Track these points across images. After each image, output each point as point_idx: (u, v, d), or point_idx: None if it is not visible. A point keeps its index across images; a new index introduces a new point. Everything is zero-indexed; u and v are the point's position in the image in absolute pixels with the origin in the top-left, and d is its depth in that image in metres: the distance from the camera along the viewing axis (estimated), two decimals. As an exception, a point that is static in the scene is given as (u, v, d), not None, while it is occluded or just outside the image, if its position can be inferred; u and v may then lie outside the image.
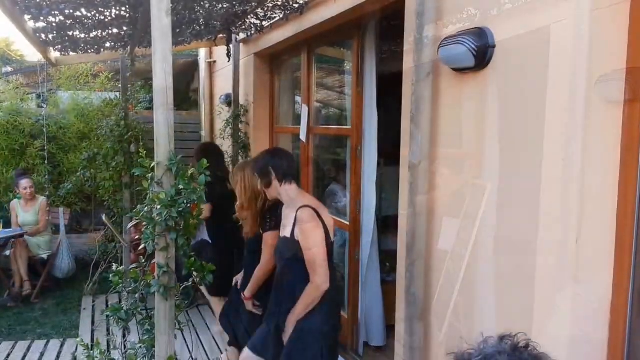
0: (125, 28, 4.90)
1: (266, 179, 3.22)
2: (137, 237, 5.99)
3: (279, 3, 4.55)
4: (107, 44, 5.67)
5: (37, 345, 5.38)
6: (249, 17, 5.04)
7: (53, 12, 4.00)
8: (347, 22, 4.21)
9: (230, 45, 5.96)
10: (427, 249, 2.87)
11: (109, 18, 4.41)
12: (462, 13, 2.65)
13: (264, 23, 5.21)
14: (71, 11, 4.06)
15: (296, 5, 4.49)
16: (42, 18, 4.08)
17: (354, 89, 4.36)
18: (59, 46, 5.30)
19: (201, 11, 4.62)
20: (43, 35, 4.75)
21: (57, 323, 5.97)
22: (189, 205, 2.57)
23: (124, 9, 4.19)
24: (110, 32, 5.00)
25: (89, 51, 5.74)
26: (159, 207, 2.52)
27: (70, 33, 4.78)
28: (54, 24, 4.34)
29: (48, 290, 6.99)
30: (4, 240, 6.63)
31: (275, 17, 4.98)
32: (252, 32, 5.58)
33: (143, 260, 2.84)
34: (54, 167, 8.25)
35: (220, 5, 4.52)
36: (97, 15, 4.27)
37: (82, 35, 4.97)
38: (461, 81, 2.65)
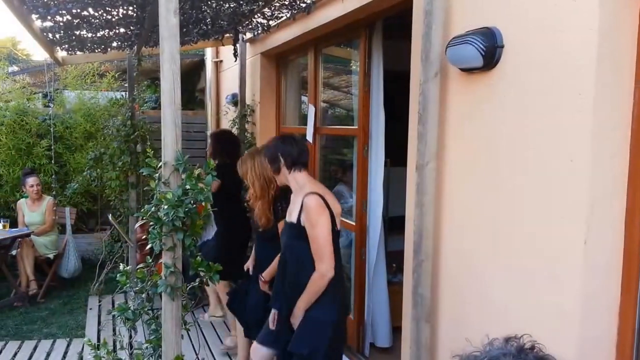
0: (132, 27, 4.90)
1: (275, 165, 3.22)
2: (143, 236, 6.00)
3: (286, 2, 4.55)
4: (114, 44, 5.67)
5: (44, 345, 5.39)
6: (255, 16, 5.04)
7: (60, 12, 3.99)
8: (355, 22, 4.20)
9: (237, 45, 5.96)
10: (435, 250, 2.85)
11: (116, 17, 4.41)
12: (470, 12, 2.64)
13: (270, 22, 5.20)
14: (78, 10, 4.06)
15: (303, 5, 4.49)
16: (49, 17, 4.08)
17: (361, 89, 4.34)
18: (66, 45, 5.31)
19: (208, 10, 4.62)
20: (50, 35, 4.75)
21: (63, 323, 5.98)
22: (195, 205, 2.57)
23: (131, 8, 4.19)
24: (117, 31, 5.01)
25: (96, 50, 5.74)
26: (165, 207, 2.51)
27: (77, 32, 4.78)
28: (61, 23, 4.35)
29: (54, 290, 7.00)
30: (11, 239, 6.62)
31: (282, 17, 4.98)
32: (259, 31, 5.58)
33: (150, 260, 2.84)
34: (60, 167, 8.26)
35: (227, 5, 4.52)
36: (104, 14, 4.27)
37: (89, 35, 4.97)
38: (469, 81, 2.63)
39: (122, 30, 4.99)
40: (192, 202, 2.54)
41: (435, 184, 2.76)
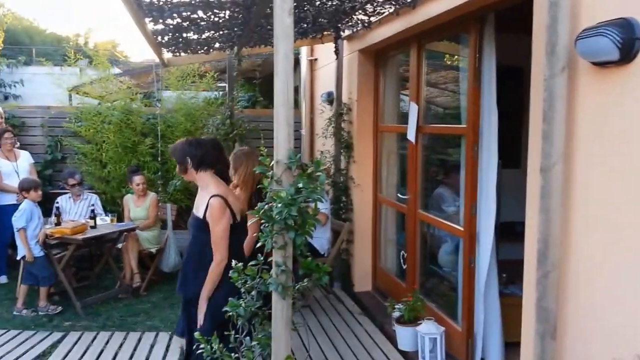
0: (235, 29, 4.96)
1: (182, 166, 3.70)
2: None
3: (390, -3, 4.45)
4: (217, 44, 5.77)
5: (148, 337, 5.54)
6: (356, 13, 4.97)
7: (172, 15, 4.09)
8: (464, 15, 4.03)
9: (337, 42, 5.92)
10: (563, 259, 2.66)
11: (223, 19, 4.47)
12: (601, 2, 2.48)
13: (372, 19, 5.12)
14: (189, 13, 4.14)
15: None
16: (161, 20, 4.19)
17: (471, 85, 4.17)
18: (173, 47, 5.44)
19: (310, 9, 4.60)
20: (159, 37, 4.88)
21: (164, 316, 6.12)
22: (307, 204, 2.54)
23: (237, 10, 4.23)
24: (221, 32, 5.08)
25: (199, 52, 5.86)
26: (279, 205, 2.49)
27: (185, 35, 4.88)
28: (171, 26, 4.45)
29: (155, 284, 7.20)
30: (117, 233, 6.88)
31: (384, 12, 4.88)
32: (359, 28, 5.50)
33: (260, 258, 2.83)
34: (162, 164, 8.50)
35: (329, 3, 4.48)
36: (212, 16, 4.34)
37: (195, 37, 5.07)
38: (602, 76, 2.47)
39: (226, 31, 5.05)
40: (304, 200, 2.52)
41: (562, 187, 2.59)
